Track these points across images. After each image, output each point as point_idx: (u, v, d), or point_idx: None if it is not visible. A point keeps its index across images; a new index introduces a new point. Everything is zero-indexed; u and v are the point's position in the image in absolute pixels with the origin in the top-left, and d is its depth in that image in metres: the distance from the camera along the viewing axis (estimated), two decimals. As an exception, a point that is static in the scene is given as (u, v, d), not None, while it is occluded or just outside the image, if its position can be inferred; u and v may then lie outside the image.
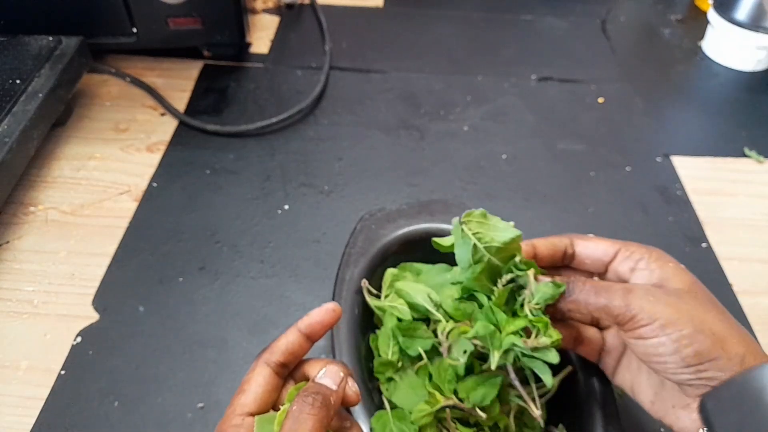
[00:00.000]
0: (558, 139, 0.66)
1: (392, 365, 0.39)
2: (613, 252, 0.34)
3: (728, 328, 0.29)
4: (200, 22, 0.67)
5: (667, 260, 0.33)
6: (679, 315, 0.29)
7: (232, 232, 0.55)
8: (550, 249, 0.36)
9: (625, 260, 0.34)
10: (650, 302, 0.30)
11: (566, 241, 0.36)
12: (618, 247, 0.34)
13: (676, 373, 0.30)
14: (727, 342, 0.29)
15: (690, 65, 0.79)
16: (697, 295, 0.31)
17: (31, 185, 0.58)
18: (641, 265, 0.33)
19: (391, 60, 0.77)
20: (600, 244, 0.35)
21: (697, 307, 0.30)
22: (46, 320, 0.48)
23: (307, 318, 0.33)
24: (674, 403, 0.31)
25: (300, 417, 0.27)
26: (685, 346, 0.29)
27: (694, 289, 0.31)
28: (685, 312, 0.29)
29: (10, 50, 0.60)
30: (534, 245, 0.36)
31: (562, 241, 0.36)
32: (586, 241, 0.36)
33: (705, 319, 0.29)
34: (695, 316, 0.29)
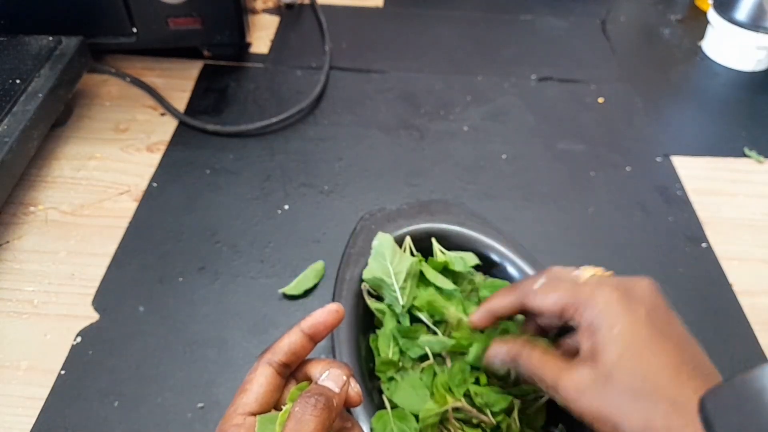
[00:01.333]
0: (558, 139, 0.66)
1: (394, 365, 0.39)
2: (559, 310, 0.34)
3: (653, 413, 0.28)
4: (200, 22, 0.67)
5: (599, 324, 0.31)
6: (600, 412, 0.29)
7: (232, 232, 0.55)
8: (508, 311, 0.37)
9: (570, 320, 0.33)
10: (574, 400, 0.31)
11: (518, 299, 0.36)
12: (562, 304, 0.33)
13: None
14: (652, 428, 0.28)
15: (690, 65, 0.79)
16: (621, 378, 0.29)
17: (31, 185, 0.58)
18: (582, 329, 0.32)
19: (391, 60, 0.77)
20: (545, 301, 0.34)
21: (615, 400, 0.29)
22: (46, 320, 0.48)
23: (310, 318, 0.33)
24: None
25: (303, 418, 0.27)
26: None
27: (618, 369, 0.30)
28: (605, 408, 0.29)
29: (10, 50, 0.60)
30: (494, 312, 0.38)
31: (514, 301, 0.37)
32: (533, 299, 0.35)
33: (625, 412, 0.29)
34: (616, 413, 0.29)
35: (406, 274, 0.41)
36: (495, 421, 0.37)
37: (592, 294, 0.32)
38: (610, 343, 0.30)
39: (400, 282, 0.41)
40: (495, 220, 0.48)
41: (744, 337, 0.49)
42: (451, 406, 0.36)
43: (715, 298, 0.51)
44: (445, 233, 0.47)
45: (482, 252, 0.46)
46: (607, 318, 0.31)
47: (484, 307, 0.38)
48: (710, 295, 0.52)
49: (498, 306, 0.37)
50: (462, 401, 0.37)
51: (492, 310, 0.37)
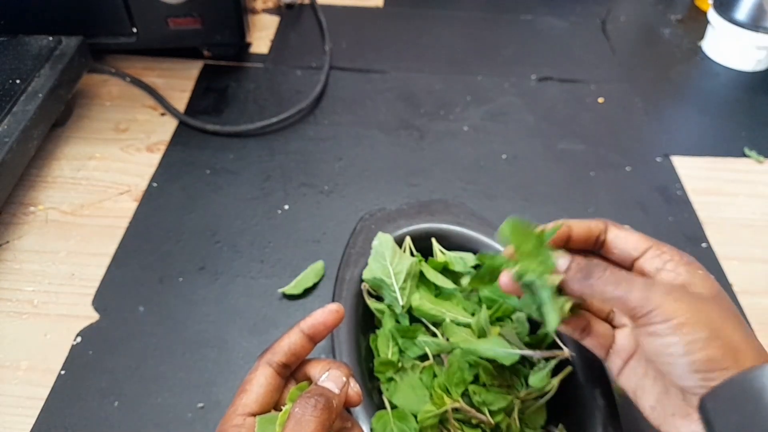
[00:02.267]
0: (558, 139, 0.66)
1: (393, 365, 0.39)
2: (644, 248, 0.33)
3: (745, 340, 0.29)
4: (200, 22, 0.67)
5: (697, 267, 0.32)
6: (698, 318, 0.28)
7: (232, 232, 0.55)
8: (584, 233, 0.35)
9: (654, 259, 0.33)
10: (670, 300, 0.29)
11: (601, 226, 0.35)
12: (650, 244, 0.33)
13: (683, 377, 0.29)
14: (741, 353, 0.28)
15: (690, 65, 0.79)
16: (721, 304, 0.30)
17: (31, 185, 0.58)
18: (669, 267, 0.32)
19: (391, 60, 0.77)
20: (632, 237, 0.34)
21: (718, 313, 0.29)
22: (46, 320, 0.48)
23: (309, 318, 0.33)
24: (675, 412, 0.31)
25: (302, 419, 0.27)
26: (698, 350, 0.28)
27: (718, 298, 0.31)
28: (704, 315, 0.29)
29: (10, 50, 0.60)
30: (570, 227, 0.35)
31: (597, 226, 0.35)
32: (619, 231, 0.35)
33: (723, 326, 0.28)
34: (713, 321, 0.28)
35: (406, 275, 0.41)
36: (494, 420, 0.37)
37: (679, 250, 0.33)
38: (708, 280, 0.31)
39: (399, 282, 0.41)
40: (495, 220, 0.48)
41: (744, 337, 0.49)
42: (450, 407, 0.36)
43: (715, 298, 0.51)
44: (445, 233, 0.47)
45: (482, 252, 0.46)
46: (702, 267, 0.32)
47: (563, 221, 0.35)
48: (710, 295, 0.52)
49: (578, 225, 0.35)
50: (460, 402, 0.37)
51: (570, 226, 0.35)
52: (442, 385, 0.37)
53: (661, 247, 0.33)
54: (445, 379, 0.38)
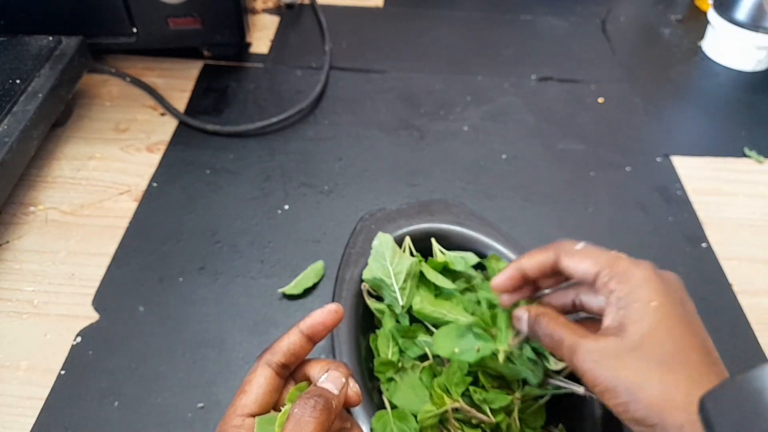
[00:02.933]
0: (558, 139, 0.66)
1: (393, 365, 0.39)
2: (593, 275, 0.33)
3: (670, 394, 0.28)
4: (200, 22, 0.67)
5: (635, 297, 0.31)
6: (617, 383, 0.29)
7: (232, 232, 0.55)
8: (537, 268, 0.36)
9: (602, 288, 0.33)
10: (591, 367, 0.30)
11: (552, 257, 0.35)
12: (597, 269, 0.33)
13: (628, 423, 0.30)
14: (664, 411, 0.28)
15: (690, 65, 0.79)
16: (647, 352, 0.29)
17: (31, 185, 0.58)
18: (612, 300, 0.32)
19: (391, 60, 0.77)
20: (581, 264, 0.34)
21: (638, 371, 0.29)
22: (46, 320, 0.48)
23: (309, 319, 0.33)
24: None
25: (302, 420, 0.27)
26: (622, 414, 0.29)
27: (647, 343, 0.30)
28: (622, 379, 0.29)
29: (10, 50, 0.60)
30: (523, 270, 0.36)
31: (548, 257, 0.35)
32: (569, 259, 0.35)
33: (643, 385, 0.28)
34: (632, 384, 0.29)
35: (406, 275, 0.41)
36: (495, 420, 0.37)
37: (628, 269, 0.32)
38: (645, 315, 0.30)
39: (399, 282, 0.41)
40: (495, 220, 0.48)
41: (744, 337, 0.49)
42: (450, 407, 0.36)
43: (715, 298, 0.51)
44: (445, 233, 0.47)
45: (482, 252, 0.46)
46: (646, 291, 0.31)
47: (513, 265, 0.36)
48: (710, 295, 0.52)
49: (529, 262, 0.35)
50: (460, 401, 0.37)
51: (522, 266, 0.35)
52: (442, 385, 0.37)
53: (607, 271, 0.32)
54: (445, 379, 0.38)
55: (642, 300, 0.31)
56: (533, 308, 0.35)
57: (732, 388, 0.28)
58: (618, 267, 0.32)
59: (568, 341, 0.32)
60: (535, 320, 0.34)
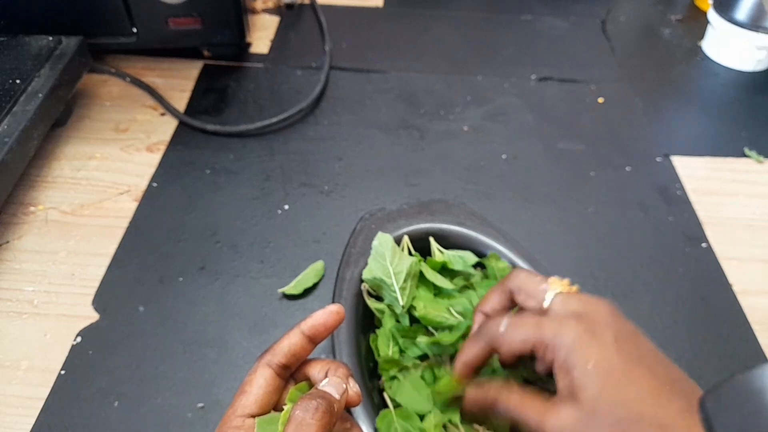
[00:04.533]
0: (558, 139, 0.66)
1: (397, 363, 0.39)
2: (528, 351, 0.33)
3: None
4: (200, 22, 0.67)
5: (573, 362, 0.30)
6: None
7: (232, 232, 0.55)
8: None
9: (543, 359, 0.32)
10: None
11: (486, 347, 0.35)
12: (529, 347, 0.32)
13: None
14: None
15: (690, 65, 0.79)
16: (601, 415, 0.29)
17: (31, 185, 0.58)
18: (555, 369, 0.31)
19: (391, 60, 0.77)
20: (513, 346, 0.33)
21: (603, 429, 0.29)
22: (46, 320, 0.48)
23: (310, 320, 0.33)
24: None
25: (303, 422, 0.27)
26: None
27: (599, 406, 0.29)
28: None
29: (10, 50, 0.60)
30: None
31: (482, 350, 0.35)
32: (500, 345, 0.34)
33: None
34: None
35: (406, 275, 0.41)
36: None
37: (557, 332, 0.31)
38: (587, 379, 0.30)
39: (399, 282, 0.41)
40: (495, 220, 0.48)
41: (744, 337, 0.49)
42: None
43: (715, 298, 0.51)
44: (445, 233, 0.47)
45: (483, 252, 0.46)
46: (579, 353, 0.30)
47: (460, 361, 0.36)
48: (710, 295, 0.52)
49: (471, 357, 0.35)
50: None
51: (468, 362, 0.35)
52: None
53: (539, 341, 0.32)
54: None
55: (579, 363, 0.30)
56: (485, 388, 0.34)
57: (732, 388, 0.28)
58: (547, 333, 0.32)
59: (533, 422, 0.31)
60: (490, 405, 0.33)
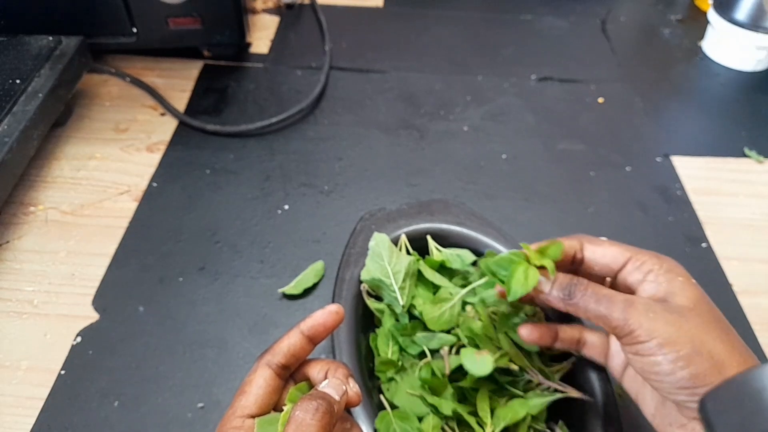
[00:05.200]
0: (558, 139, 0.66)
1: (393, 364, 0.39)
2: (623, 260, 0.33)
3: (729, 351, 0.29)
4: (200, 22, 0.67)
5: (677, 273, 0.32)
6: (679, 334, 0.29)
7: (232, 232, 0.55)
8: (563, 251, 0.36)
9: (635, 270, 0.33)
10: (650, 318, 0.29)
11: (576, 245, 0.35)
12: (629, 255, 0.33)
13: (671, 392, 0.29)
14: (725, 366, 0.28)
15: (690, 65, 0.79)
16: (702, 314, 0.30)
17: (31, 185, 0.58)
18: (650, 277, 0.32)
19: (391, 60, 0.77)
20: (609, 249, 0.34)
21: (699, 326, 0.29)
22: (46, 320, 0.48)
23: (309, 320, 0.33)
24: (671, 421, 0.31)
25: (304, 422, 0.27)
26: (682, 368, 0.28)
27: (699, 307, 0.30)
28: (685, 331, 0.29)
29: (10, 50, 0.60)
30: None
31: (571, 245, 0.35)
32: (595, 246, 0.35)
33: (705, 340, 0.29)
34: (695, 337, 0.29)
35: (405, 274, 0.41)
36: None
37: (659, 256, 0.33)
38: (690, 287, 0.31)
39: (399, 282, 0.41)
40: (495, 220, 0.48)
41: (744, 337, 0.48)
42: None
43: (715, 298, 0.51)
44: (446, 233, 0.47)
45: (483, 252, 0.46)
46: (683, 271, 0.32)
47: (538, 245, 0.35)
48: (710, 295, 0.51)
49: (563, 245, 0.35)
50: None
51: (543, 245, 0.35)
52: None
53: (640, 256, 0.33)
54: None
55: (684, 275, 0.32)
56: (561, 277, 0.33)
57: (732, 388, 0.28)
58: (648, 253, 0.33)
59: (620, 296, 0.31)
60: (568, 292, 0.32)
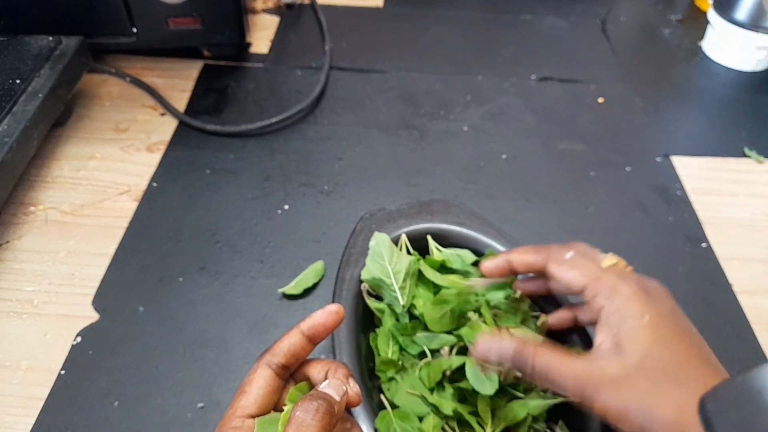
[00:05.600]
0: (558, 139, 0.66)
1: (394, 364, 0.39)
2: (580, 286, 0.33)
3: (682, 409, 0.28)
4: (200, 22, 0.67)
5: (626, 312, 0.31)
6: (628, 411, 0.29)
7: (232, 232, 0.55)
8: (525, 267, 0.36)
9: (591, 300, 0.33)
10: (601, 399, 0.29)
11: (541, 262, 0.36)
12: (584, 282, 0.33)
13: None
14: (681, 426, 0.28)
15: (690, 65, 0.79)
16: (651, 369, 0.29)
17: (31, 185, 0.58)
18: (602, 315, 0.32)
19: (391, 60, 0.77)
20: (568, 273, 0.34)
21: (646, 391, 0.29)
22: (46, 320, 0.48)
23: (309, 320, 0.33)
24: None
25: (304, 423, 0.27)
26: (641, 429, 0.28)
27: (648, 359, 0.29)
28: (634, 404, 0.29)
29: (10, 50, 0.60)
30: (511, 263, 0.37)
31: (537, 260, 0.36)
32: (558, 266, 0.35)
33: (654, 405, 0.28)
34: (643, 405, 0.28)
35: (405, 274, 0.41)
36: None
37: (615, 285, 0.32)
38: (640, 331, 0.30)
39: (399, 282, 0.41)
40: (495, 220, 0.48)
41: (744, 337, 0.49)
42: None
43: (715, 298, 0.51)
44: (446, 233, 0.47)
45: (483, 252, 0.46)
46: (636, 307, 0.31)
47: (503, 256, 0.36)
48: (710, 295, 0.52)
49: (519, 259, 0.36)
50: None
51: (510, 260, 0.36)
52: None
53: (595, 285, 0.33)
54: None
55: (634, 315, 0.31)
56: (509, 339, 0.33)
57: (732, 388, 0.28)
58: (604, 282, 0.32)
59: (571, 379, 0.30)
60: (515, 356, 0.32)
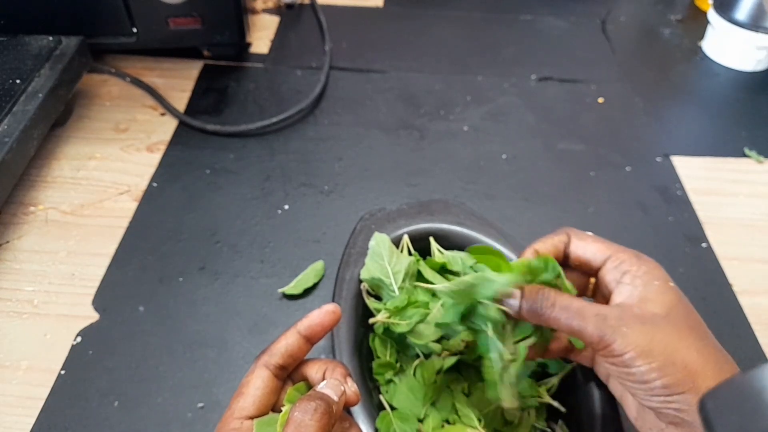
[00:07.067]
0: (558, 139, 0.66)
1: (391, 366, 0.39)
2: (603, 258, 0.34)
3: (703, 359, 0.29)
4: (200, 22, 0.67)
5: (654, 276, 0.32)
6: (652, 346, 0.29)
7: (232, 232, 0.55)
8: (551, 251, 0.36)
9: (613, 269, 0.33)
10: (623, 333, 0.29)
11: (564, 239, 0.36)
12: (609, 253, 0.34)
13: (646, 400, 0.30)
14: (698, 375, 0.28)
15: (690, 65, 0.79)
16: (677, 321, 0.30)
17: (31, 185, 0.58)
18: (626, 279, 0.32)
19: (391, 60, 0.77)
20: (591, 246, 0.35)
21: (672, 335, 0.29)
22: (46, 320, 0.48)
23: (306, 320, 0.33)
24: (651, 426, 0.31)
25: (302, 423, 0.27)
26: (655, 378, 0.29)
27: (674, 314, 0.30)
28: (657, 341, 0.29)
29: (10, 50, 0.60)
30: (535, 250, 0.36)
31: (561, 240, 0.36)
32: (579, 241, 0.36)
33: (678, 348, 0.29)
34: (668, 346, 0.29)
35: (405, 274, 0.41)
36: None
37: (639, 255, 0.34)
38: (667, 291, 0.31)
39: (398, 282, 0.41)
40: (495, 220, 0.48)
41: (744, 337, 0.49)
42: None
43: (715, 298, 0.51)
44: (446, 233, 0.47)
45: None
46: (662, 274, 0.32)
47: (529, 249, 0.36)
48: (710, 295, 0.52)
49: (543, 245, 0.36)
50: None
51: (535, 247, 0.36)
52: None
53: (619, 255, 0.34)
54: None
55: (660, 279, 0.32)
56: (529, 286, 0.33)
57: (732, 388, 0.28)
58: (629, 252, 0.34)
59: (592, 310, 0.31)
60: (532, 303, 0.32)
